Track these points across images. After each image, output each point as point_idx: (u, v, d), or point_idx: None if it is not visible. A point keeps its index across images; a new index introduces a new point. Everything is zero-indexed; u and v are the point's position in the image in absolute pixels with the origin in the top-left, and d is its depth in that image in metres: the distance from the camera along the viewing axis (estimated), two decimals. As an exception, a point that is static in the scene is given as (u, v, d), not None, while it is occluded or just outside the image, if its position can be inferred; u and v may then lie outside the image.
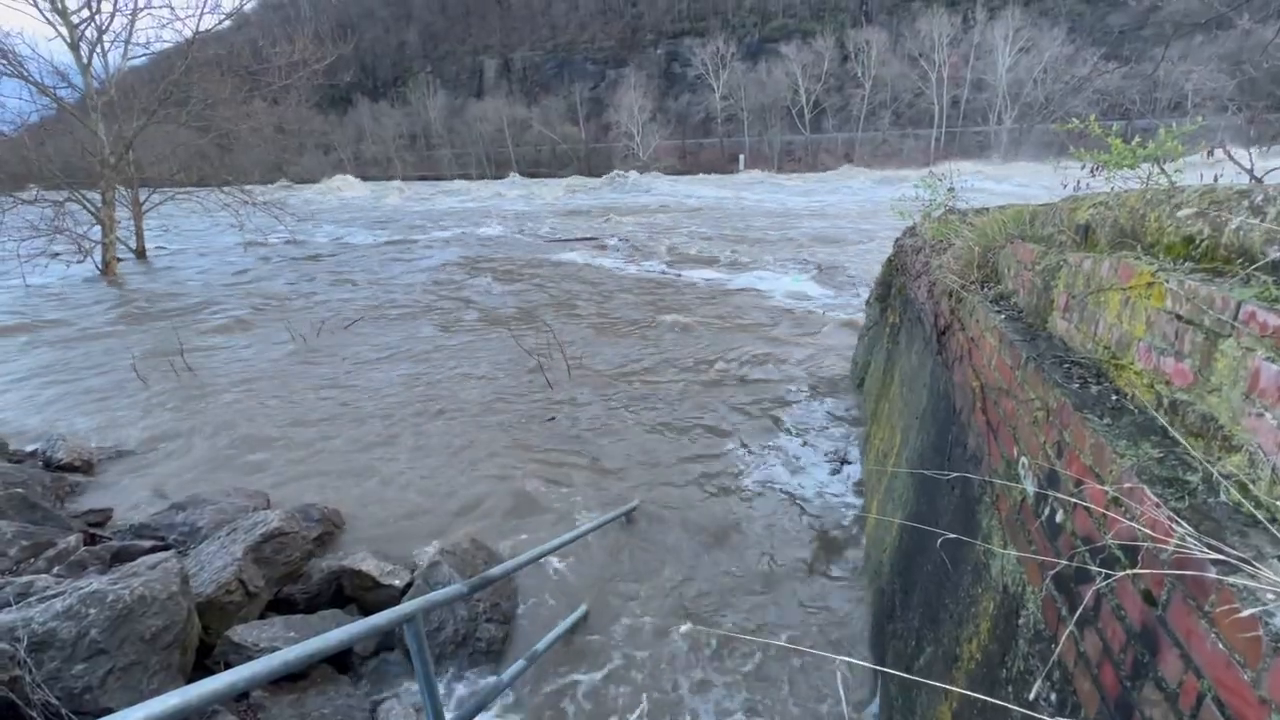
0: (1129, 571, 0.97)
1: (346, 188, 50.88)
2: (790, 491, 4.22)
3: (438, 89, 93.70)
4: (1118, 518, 1.01)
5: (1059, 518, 1.26)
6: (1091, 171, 3.09)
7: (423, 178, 77.89)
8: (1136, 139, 3.05)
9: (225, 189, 18.05)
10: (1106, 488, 1.08)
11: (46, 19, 14.35)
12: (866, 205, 26.61)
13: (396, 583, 3.20)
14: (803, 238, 17.33)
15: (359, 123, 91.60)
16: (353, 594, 3.26)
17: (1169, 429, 1.11)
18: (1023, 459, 1.56)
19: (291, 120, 21.29)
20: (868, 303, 6.28)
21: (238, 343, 8.64)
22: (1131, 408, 1.26)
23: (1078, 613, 1.09)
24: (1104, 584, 1.02)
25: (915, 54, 61.58)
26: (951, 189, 4.57)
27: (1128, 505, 1.01)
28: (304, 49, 17.05)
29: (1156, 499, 0.94)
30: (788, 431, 5.16)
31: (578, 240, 18.66)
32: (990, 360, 2.00)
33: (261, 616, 2.92)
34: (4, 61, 13.68)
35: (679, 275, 12.45)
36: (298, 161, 36.11)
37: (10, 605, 2.41)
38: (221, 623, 2.73)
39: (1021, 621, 1.37)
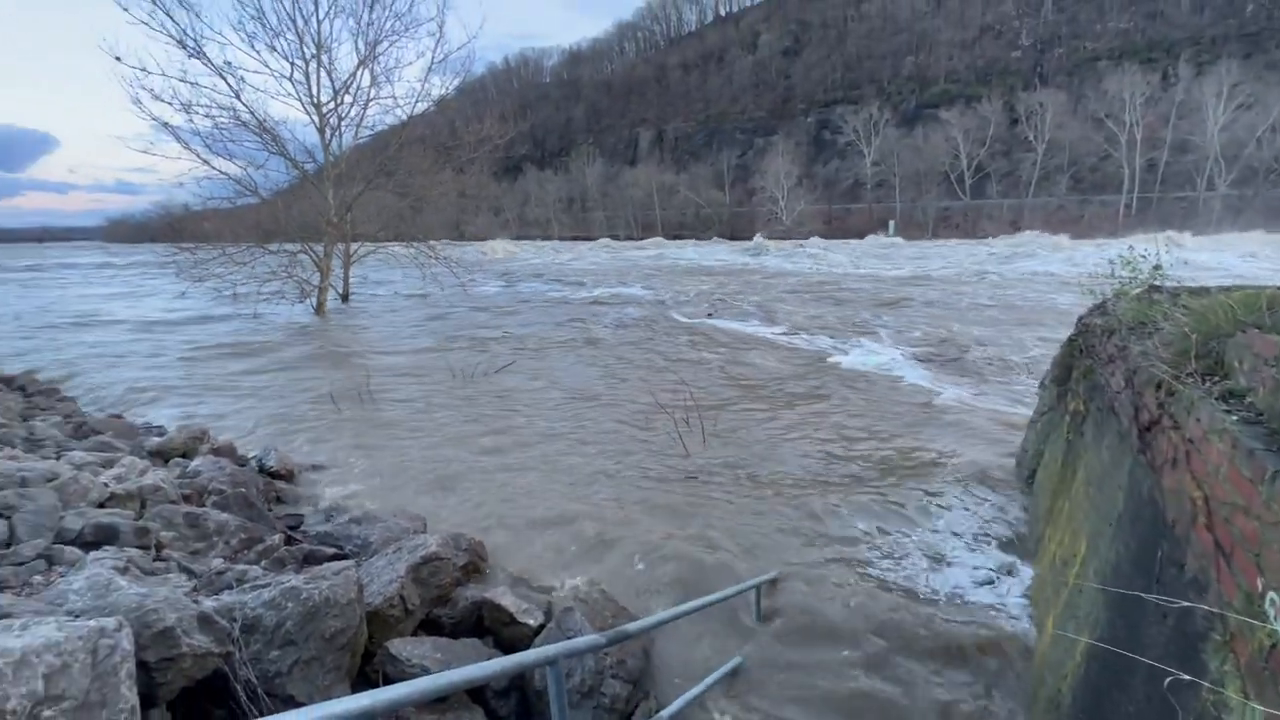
0: None
1: (530, 248, 56.49)
2: (941, 594, 3.80)
3: (596, 158, 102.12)
4: None
5: (1332, 677, 1.03)
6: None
7: (575, 237, 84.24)
8: None
9: (414, 244, 20.94)
10: None
11: (305, 110, 18.03)
12: (1032, 275, 24.22)
13: (531, 622, 3.32)
14: (957, 309, 16.12)
15: (525, 188, 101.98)
16: (490, 626, 3.43)
17: None
18: (1271, 594, 1.29)
19: (473, 187, 24.37)
20: (1042, 385, 5.64)
21: (411, 377, 9.77)
22: None
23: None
24: None
25: (1101, 115, 56.18)
26: (1158, 266, 4.03)
27: None
28: (490, 127, 19.62)
29: None
30: (936, 525, 4.69)
31: (715, 303, 18.95)
32: (1219, 469, 1.70)
33: (414, 634, 3.17)
34: (274, 143, 17.31)
35: (815, 345, 12.11)
36: (473, 222, 40.90)
37: (232, 588, 2.86)
38: (382, 633, 3.00)
39: (1276, 801, 1.11)
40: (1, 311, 19.09)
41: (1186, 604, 1.69)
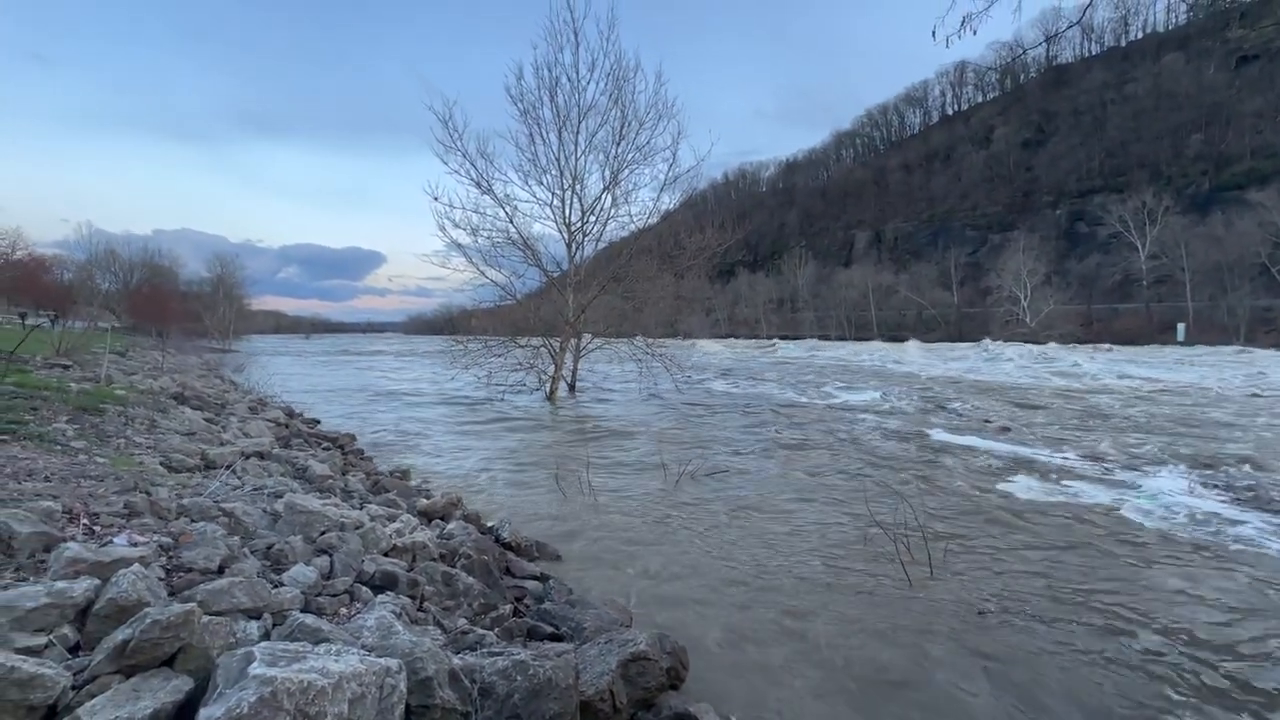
0: None
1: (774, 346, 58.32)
2: None
3: (809, 260, 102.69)
4: None
5: None
6: None
7: (784, 337, 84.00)
8: None
9: (633, 341, 22.89)
10: None
11: (559, 229, 21.48)
12: None
13: (734, 751, 3.10)
14: (1303, 440, 12.20)
15: (737, 289, 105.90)
16: (691, 744, 3.28)
17: None
18: None
19: (689, 290, 26.16)
20: None
21: (626, 467, 10.35)
22: None
23: None
24: None
25: None
26: None
27: None
28: (710, 237, 21.18)
29: None
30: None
31: (956, 416, 17.08)
32: None
33: (618, 734, 3.17)
34: (533, 257, 20.89)
35: (1084, 472, 10.08)
36: (687, 321, 43.50)
37: (473, 650, 3.20)
38: (590, 727, 3.05)
39: None
40: (332, 388, 25.16)
41: None
